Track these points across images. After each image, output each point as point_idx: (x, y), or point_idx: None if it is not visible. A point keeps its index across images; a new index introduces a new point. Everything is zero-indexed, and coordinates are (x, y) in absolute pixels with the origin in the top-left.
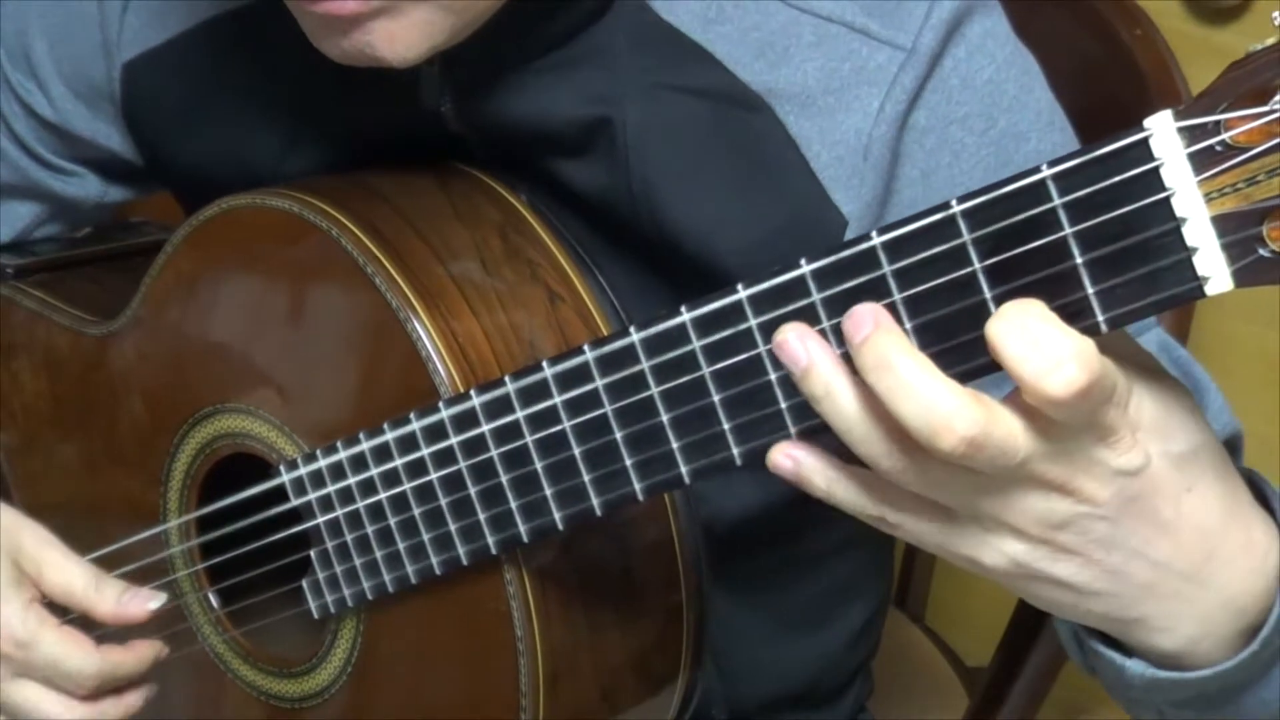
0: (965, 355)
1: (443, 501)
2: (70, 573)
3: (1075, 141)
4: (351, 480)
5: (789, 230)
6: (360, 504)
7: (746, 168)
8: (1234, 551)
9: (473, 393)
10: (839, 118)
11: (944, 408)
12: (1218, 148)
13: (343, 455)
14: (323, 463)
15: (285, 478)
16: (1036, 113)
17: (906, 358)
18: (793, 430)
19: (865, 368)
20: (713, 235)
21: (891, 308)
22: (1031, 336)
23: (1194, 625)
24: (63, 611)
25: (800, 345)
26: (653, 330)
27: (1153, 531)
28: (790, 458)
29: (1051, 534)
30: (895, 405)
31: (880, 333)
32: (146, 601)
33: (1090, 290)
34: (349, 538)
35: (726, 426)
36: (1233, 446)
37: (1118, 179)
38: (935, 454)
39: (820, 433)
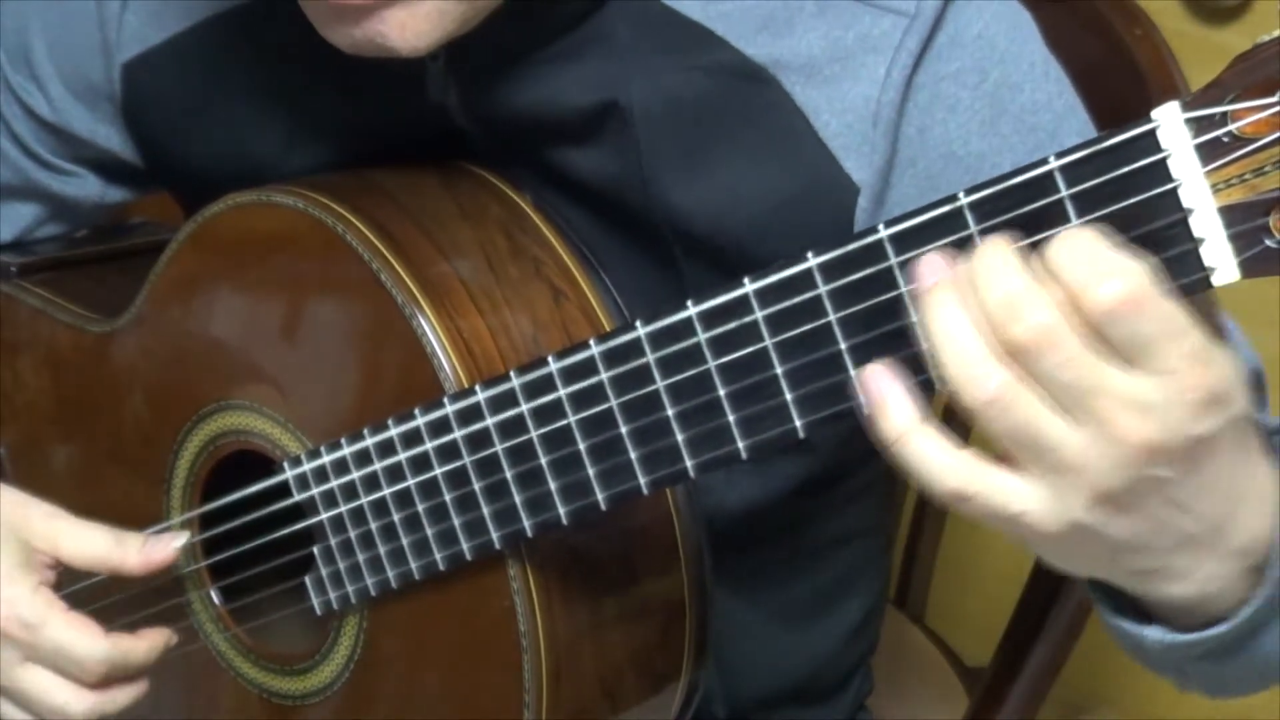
0: None
1: (447, 496)
2: (87, 537)
3: (1071, 92)
4: (355, 475)
5: (801, 200)
6: (364, 499)
7: (755, 140)
8: (1251, 499)
9: (477, 387)
10: (846, 86)
11: (1021, 291)
12: (1225, 139)
13: (346, 451)
14: (326, 458)
15: (289, 473)
16: (1030, 64)
17: (995, 250)
18: (798, 423)
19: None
20: (725, 210)
21: (899, 300)
22: (1079, 252)
23: (1211, 570)
24: (72, 601)
25: (931, 271)
26: (658, 324)
27: (1203, 489)
28: (880, 384)
29: (1117, 494)
30: (981, 287)
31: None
32: (169, 543)
33: None
34: (352, 533)
35: (732, 420)
36: (1254, 383)
37: (1125, 170)
38: (1010, 347)
39: (826, 426)
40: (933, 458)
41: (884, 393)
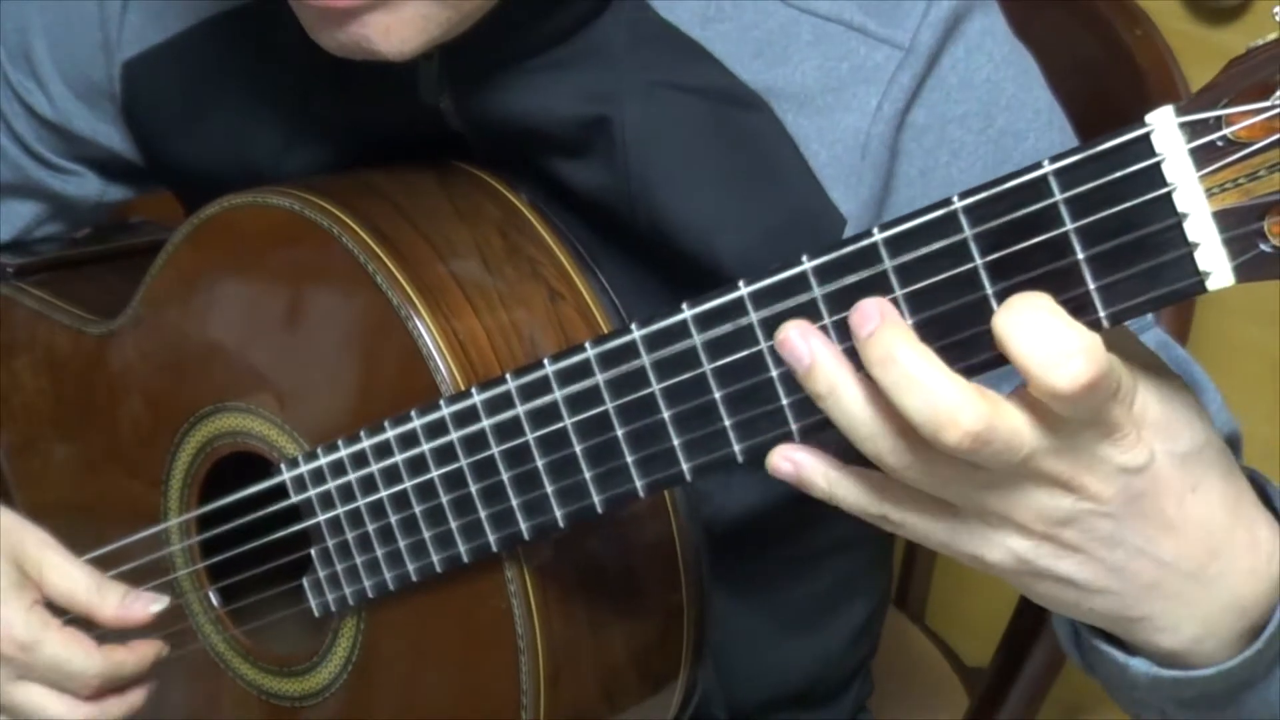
0: (967, 351)
1: (444, 499)
2: (72, 576)
3: (1074, 140)
4: (352, 477)
5: (787, 229)
6: (361, 501)
7: (744, 166)
8: (1238, 551)
9: (474, 389)
10: (837, 116)
11: (949, 401)
12: (1219, 143)
13: (343, 452)
14: (323, 460)
15: (286, 475)
16: (1035, 111)
17: (912, 351)
18: (794, 427)
19: (870, 361)
20: (711, 234)
21: (893, 304)
22: (1039, 329)
23: (1197, 625)
24: (63, 612)
25: (803, 343)
26: (654, 327)
27: (1156, 530)
28: (790, 461)
29: (1055, 530)
30: (900, 399)
31: (886, 326)
32: (149, 604)
33: (1092, 286)
34: (350, 535)
35: (728, 423)
36: (1230, 447)
37: (1119, 174)
38: (940, 449)
39: (823, 429)
40: (858, 495)
41: (795, 467)
